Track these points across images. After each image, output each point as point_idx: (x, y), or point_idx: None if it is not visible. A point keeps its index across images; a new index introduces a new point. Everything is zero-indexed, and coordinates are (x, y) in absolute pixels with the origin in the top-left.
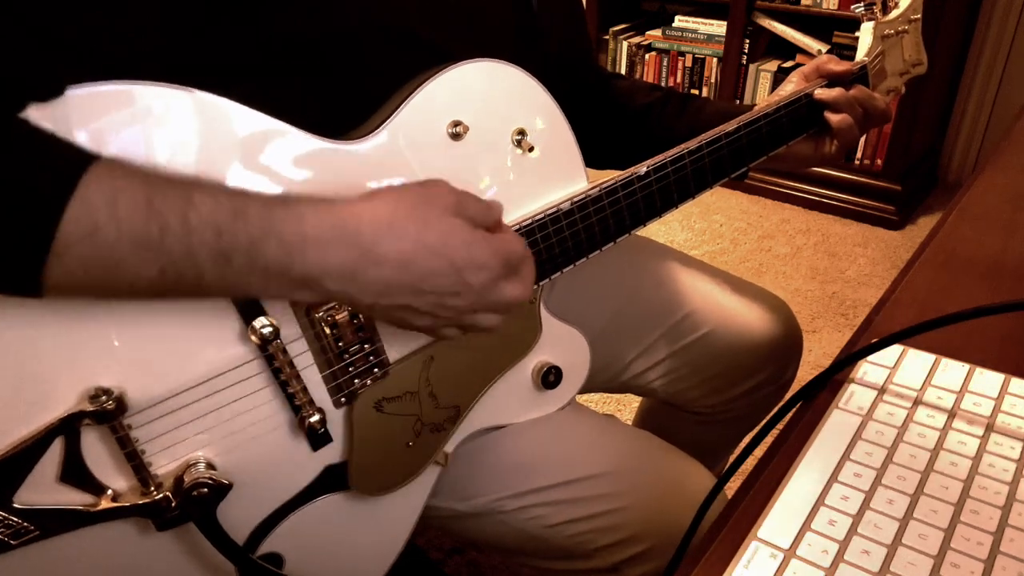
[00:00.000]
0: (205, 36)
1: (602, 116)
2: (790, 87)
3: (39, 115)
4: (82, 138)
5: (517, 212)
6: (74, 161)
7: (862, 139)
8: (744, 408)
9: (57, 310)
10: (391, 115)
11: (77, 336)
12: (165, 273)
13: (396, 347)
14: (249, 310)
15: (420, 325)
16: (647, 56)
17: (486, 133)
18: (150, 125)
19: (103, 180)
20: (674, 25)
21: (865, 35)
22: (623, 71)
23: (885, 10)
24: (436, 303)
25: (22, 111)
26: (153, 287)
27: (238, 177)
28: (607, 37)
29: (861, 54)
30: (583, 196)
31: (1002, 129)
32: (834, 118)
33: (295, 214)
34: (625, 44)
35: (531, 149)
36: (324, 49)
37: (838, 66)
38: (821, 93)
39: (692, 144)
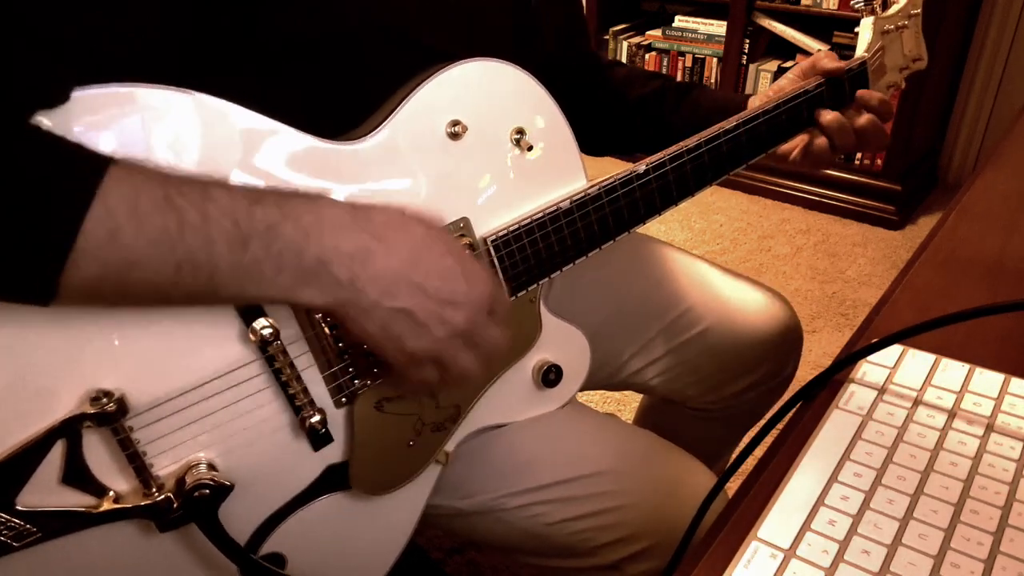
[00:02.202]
0: (205, 36)
1: (600, 105)
2: (785, 83)
3: (45, 119)
4: (85, 140)
5: (516, 211)
6: (93, 165)
7: None
8: (744, 405)
9: (58, 312)
10: (390, 115)
11: (78, 338)
12: (181, 269)
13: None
14: (249, 311)
15: (412, 345)
16: (647, 56)
17: (485, 132)
18: (152, 127)
19: (122, 182)
20: (674, 25)
21: (865, 31)
22: None
23: (885, 6)
24: (436, 313)
25: (31, 117)
26: (166, 286)
27: (240, 179)
28: (607, 37)
29: (861, 50)
30: (582, 195)
31: (1002, 129)
32: (818, 140)
33: (312, 201)
34: (625, 44)
35: (530, 148)
36: (323, 49)
37: (832, 63)
38: (822, 116)
39: (691, 142)
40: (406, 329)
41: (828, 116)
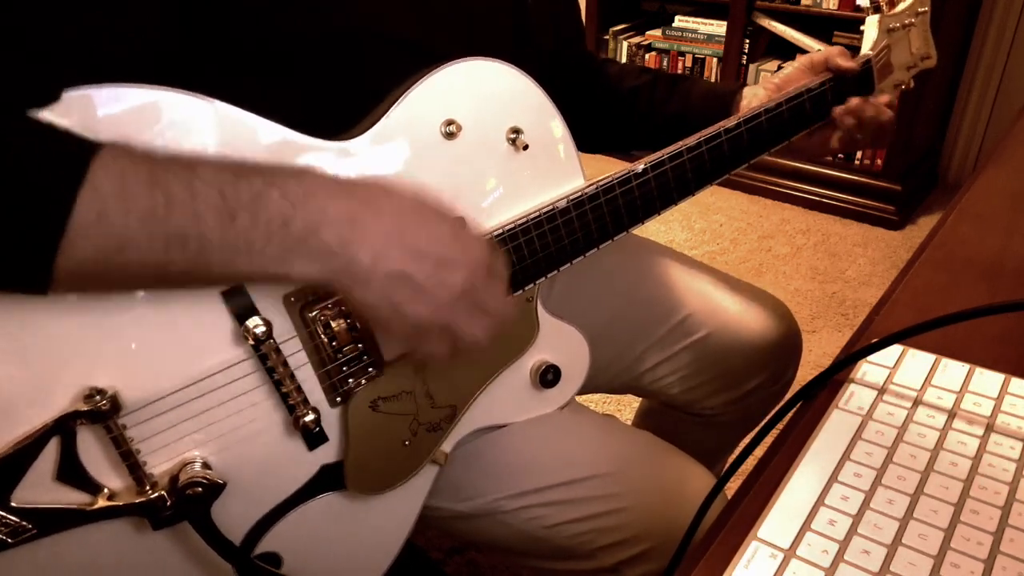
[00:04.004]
0: (205, 36)
1: (595, 101)
2: (791, 71)
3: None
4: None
5: (513, 211)
6: (80, 151)
7: None
8: (743, 411)
9: (52, 311)
10: (384, 114)
11: (72, 337)
12: (171, 246)
13: (391, 346)
14: (242, 310)
15: (416, 312)
16: (647, 56)
17: (480, 132)
18: (149, 127)
19: (109, 165)
20: (674, 25)
21: (870, 29)
22: None
23: (891, 3)
24: (433, 275)
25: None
26: (158, 265)
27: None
28: (607, 37)
29: (866, 48)
30: (579, 194)
31: (1002, 129)
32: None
33: (298, 173)
34: (625, 44)
35: (526, 147)
36: (324, 50)
37: (846, 63)
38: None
39: (691, 141)
40: (407, 295)
41: (849, 109)
